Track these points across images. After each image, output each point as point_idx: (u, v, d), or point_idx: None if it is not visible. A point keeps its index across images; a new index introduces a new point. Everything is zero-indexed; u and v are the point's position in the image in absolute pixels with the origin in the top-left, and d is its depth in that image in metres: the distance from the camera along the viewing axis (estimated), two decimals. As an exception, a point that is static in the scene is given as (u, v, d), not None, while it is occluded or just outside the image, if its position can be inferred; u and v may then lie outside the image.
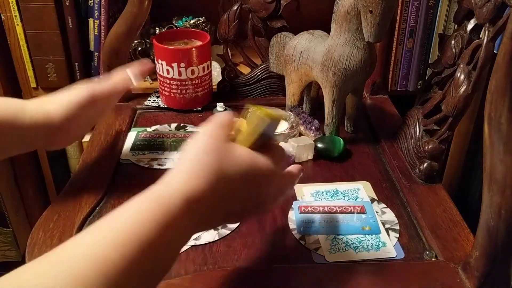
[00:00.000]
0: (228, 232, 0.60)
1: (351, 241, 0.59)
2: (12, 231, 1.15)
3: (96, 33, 1.01)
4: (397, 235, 0.60)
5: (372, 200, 0.66)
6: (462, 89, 0.64)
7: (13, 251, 1.18)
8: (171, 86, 0.85)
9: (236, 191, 0.44)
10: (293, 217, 0.63)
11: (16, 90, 1.07)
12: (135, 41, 1.03)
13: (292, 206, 0.65)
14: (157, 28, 1.09)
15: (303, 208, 0.64)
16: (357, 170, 0.73)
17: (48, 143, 0.62)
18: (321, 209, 0.64)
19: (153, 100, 0.91)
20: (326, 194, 0.68)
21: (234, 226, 0.61)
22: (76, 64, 1.03)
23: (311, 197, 0.67)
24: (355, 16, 0.68)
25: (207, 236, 0.60)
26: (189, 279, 0.53)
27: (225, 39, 0.89)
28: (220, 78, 0.94)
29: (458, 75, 0.65)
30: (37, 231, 0.60)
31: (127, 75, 0.70)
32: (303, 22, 0.89)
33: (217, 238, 0.59)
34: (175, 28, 1.07)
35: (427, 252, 0.58)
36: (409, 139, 0.74)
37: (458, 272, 0.54)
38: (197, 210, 0.41)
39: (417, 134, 0.72)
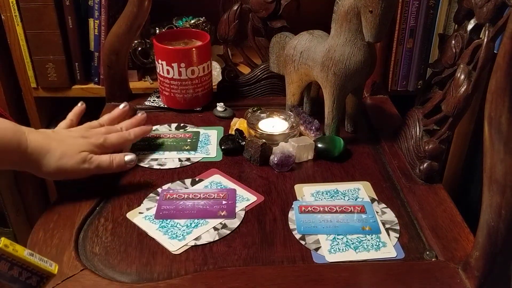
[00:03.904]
0: (228, 232, 0.60)
1: (351, 241, 0.59)
2: (12, 231, 1.15)
3: (96, 33, 1.01)
4: (397, 235, 0.60)
5: (372, 200, 0.66)
6: (462, 89, 0.64)
7: (13, 251, 1.17)
8: (171, 86, 0.85)
9: None
10: (293, 217, 0.63)
11: (16, 90, 1.07)
12: (135, 41, 1.03)
13: (292, 206, 0.65)
14: (157, 28, 1.09)
15: (303, 208, 0.64)
16: (357, 170, 0.73)
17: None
18: (321, 209, 0.64)
19: (153, 100, 0.91)
20: (326, 194, 0.68)
21: (234, 226, 0.61)
22: (76, 64, 1.03)
23: (311, 197, 0.67)
24: (355, 16, 0.68)
25: (207, 236, 0.60)
26: (189, 279, 0.53)
27: (225, 39, 0.89)
28: (220, 78, 0.94)
29: (458, 75, 0.65)
30: (37, 231, 0.60)
31: None
32: (303, 22, 0.88)
33: (217, 238, 0.59)
34: (175, 28, 1.08)
35: (427, 252, 0.58)
36: (409, 139, 0.73)
37: (458, 272, 0.54)
38: None
39: (417, 134, 0.72)
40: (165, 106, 0.89)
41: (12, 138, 0.59)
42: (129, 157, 0.67)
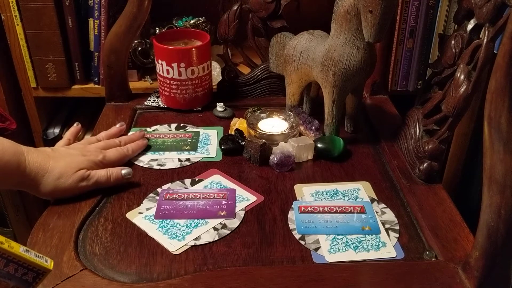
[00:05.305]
0: (228, 232, 0.60)
1: (351, 241, 0.59)
2: (12, 231, 1.15)
3: (96, 33, 1.01)
4: (397, 235, 0.60)
5: (372, 200, 0.66)
6: (462, 89, 0.64)
7: (13, 251, 1.17)
8: (171, 86, 0.85)
9: None
10: (293, 217, 0.63)
11: (16, 90, 1.07)
12: (135, 41, 1.03)
13: (292, 206, 0.65)
14: (157, 28, 1.09)
15: (303, 208, 0.64)
16: (357, 170, 0.73)
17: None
18: (321, 209, 0.64)
19: (153, 100, 0.91)
20: (326, 194, 0.67)
21: (234, 226, 0.61)
22: (76, 64, 1.03)
23: (311, 197, 0.67)
24: (355, 16, 0.68)
25: (207, 236, 0.60)
26: (189, 279, 0.53)
27: (225, 39, 0.89)
28: (220, 78, 0.94)
29: (458, 75, 0.65)
30: (37, 231, 0.60)
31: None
32: (303, 22, 0.89)
33: (217, 238, 0.59)
34: (175, 28, 1.08)
35: (427, 252, 0.58)
36: (409, 139, 0.73)
37: (458, 272, 0.54)
38: None
39: (417, 134, 0.72)
40: (165, 106, 0.89)
41: (12, 158, 0.59)
42: (125, 170, 0.68)
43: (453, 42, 0.67)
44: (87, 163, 0.66)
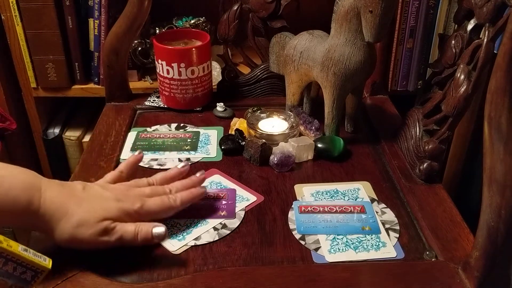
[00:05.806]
0: (228, 232, 0.60)
1: (351, 241, 0.59)
2: (12, 231, 1.15)
3: (96, 33, 1.01)
4: (397, 235, 0.60)
5: (372, 200, 0.66)
6: (462, 89, 0.64)
7: (13, 251, 1.17)
8: (171, 86, 0.85)
9: None
10: (293, 217, 0.63)
11: (16, 90, 1.07)
12: (135, 41, 1.03)
13: (292, 206, 0.65)
14: (157, 28, 1.09)
15: (303, 208, 0.64)
16: (357, 170, 0.73)
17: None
18: (321, 209, 0.64)
19: (153, 100, 0.91)
20: (326, 194, 0.68)
21: (234, 226, 0.61)
22: (76, 64, 1.04)
23: (311, 197, 0.67)
24: (355, 16, 0.68)
25: (207, 236, 0.60)
26: (189, 279, 0.53)
27: (225, 39, 0.89)
28: (220, 78, 0.94)
29: (458, 75, 0.65)
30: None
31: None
32: (303, 22, 0.88)
33: (217, 238, 0.59)
34: (175, 28, 1.08)
35: (427, 252, 0.58)
36: (409, 139, 0.73)
37: (458, 272, 0.54)
38: None
39: (417, 134, 0.72)
40: (165, 106, 0.89)
41: (20, 195, 0.50)
42: (158, 230, 0.55)
43: (453, 42, 0.67)
44: (117, 212, 0.54)
